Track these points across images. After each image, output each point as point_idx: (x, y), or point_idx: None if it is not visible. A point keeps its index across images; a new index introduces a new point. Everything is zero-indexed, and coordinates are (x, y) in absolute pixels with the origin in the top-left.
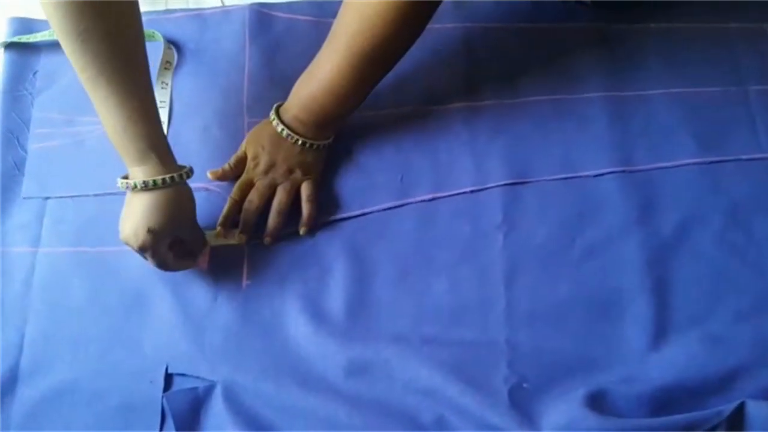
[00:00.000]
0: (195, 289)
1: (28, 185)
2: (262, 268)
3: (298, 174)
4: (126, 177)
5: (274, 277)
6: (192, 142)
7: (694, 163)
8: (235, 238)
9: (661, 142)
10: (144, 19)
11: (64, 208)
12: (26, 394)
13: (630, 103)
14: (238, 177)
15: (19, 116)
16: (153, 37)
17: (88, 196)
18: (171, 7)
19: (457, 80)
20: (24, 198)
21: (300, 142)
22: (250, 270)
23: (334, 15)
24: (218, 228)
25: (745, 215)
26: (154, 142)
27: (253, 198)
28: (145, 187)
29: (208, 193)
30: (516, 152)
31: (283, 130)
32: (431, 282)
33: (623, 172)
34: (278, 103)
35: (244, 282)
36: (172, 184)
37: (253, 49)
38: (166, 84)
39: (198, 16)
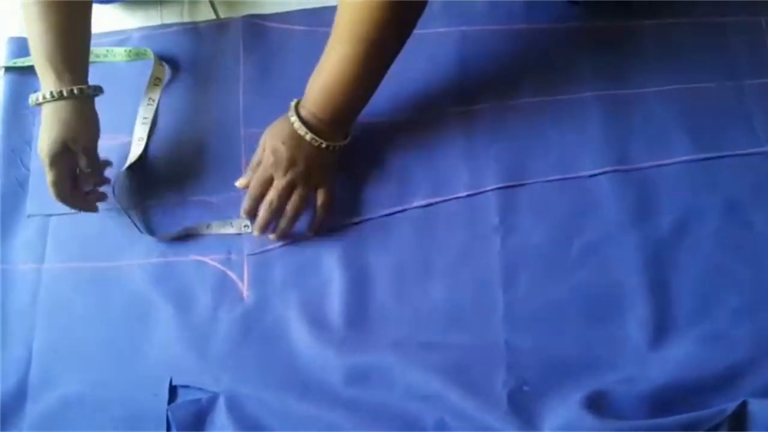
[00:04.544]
0: (196, 300)
1: (31, 203)
2: (262, 279)
3: (314, 178)
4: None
5: (274, 286)
6: (189, 153)
7: (690, 160)
8: (248, 230)
9: (657, 140)
10: (139, 34)
11: (67, 224)
12: (34, 408)
13: (625, 101)
14: None
15: (21, 135)
16: (145, 54)
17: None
18: (166, 21)
19: (451, 85)
20: (28, 216)
21: (321, 144)
22: (250, 280)
23: (327, 24)
24: (243, 216)
25: (743, 211)
26: (69, 56)
27: (273, 199)
28: (54, 98)
29: (207, 206)
30: (511, 155)
31: (306, 133)
32: (429, 287)
33: (619, 171)
34: (296, 100)
35: (245, 293)
36: (81, 95)
37: (248, 60)
38: (153, 100)
39: (193, 29)
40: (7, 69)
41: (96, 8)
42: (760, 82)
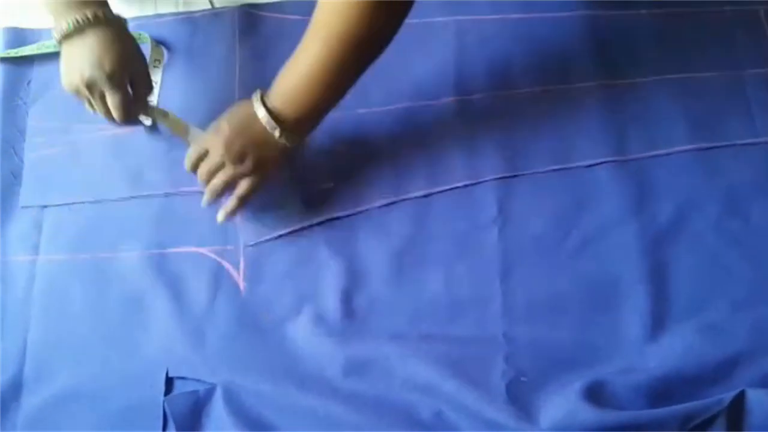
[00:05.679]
0: (193, 292)
1: (25, 194)
2: (258, 270)
3: (249, 164)
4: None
5: (271, 278)
6: (183, 143)
7: (689, 150)
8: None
9: (656, 130)
10: (133, 23)
11: (62, 215)
12: (30, 401)
13: (624, 91)
14: None
15: (15, 126)
16: (140, 38)
17: (84, 203)
18: (160, 10)
19: (448, 75)
20: (22, 207)
21: (278, 133)
22: (247, 272)
23: None
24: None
25: (742, 201)
26: None
27: (218, 183)
28: (89, 22)
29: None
30: (509, 145)
31: (269, 122)
32: (427, 278)
33: (618, 161)
34: (259, 91)
35: (241, 284)
36: (110, 18)
37: (243, 50)
38: (155, 83)
39: (188, 18)
40: (1, 59)
41: None
42: (759, 72)
